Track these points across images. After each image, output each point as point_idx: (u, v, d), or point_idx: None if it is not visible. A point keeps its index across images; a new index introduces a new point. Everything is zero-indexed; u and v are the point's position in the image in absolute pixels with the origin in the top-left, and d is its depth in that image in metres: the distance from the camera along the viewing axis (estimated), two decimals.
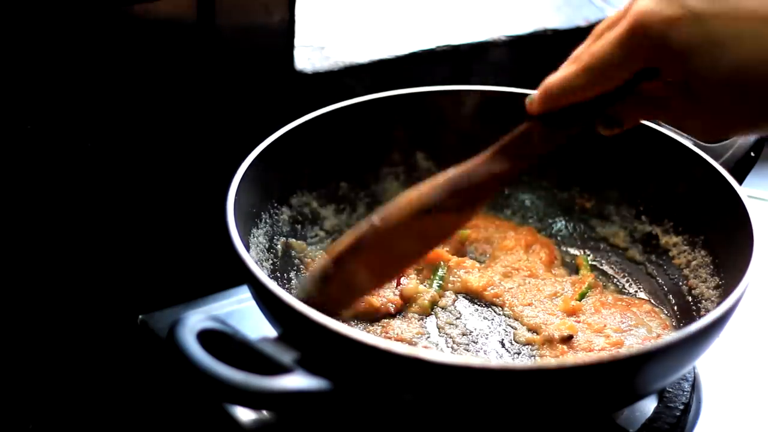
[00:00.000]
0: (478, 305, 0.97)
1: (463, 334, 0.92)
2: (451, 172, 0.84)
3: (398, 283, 0.96)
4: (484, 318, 0.95)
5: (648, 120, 0.85)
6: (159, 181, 1.06)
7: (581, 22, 1.29)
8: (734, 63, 0.70)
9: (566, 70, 0.78)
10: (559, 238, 1.07)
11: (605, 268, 1.04)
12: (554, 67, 1.37)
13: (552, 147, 0.82)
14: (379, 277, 0.87)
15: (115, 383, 1.02)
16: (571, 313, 0.94)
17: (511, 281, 0.98)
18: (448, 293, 0.97)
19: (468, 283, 0.98)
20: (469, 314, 0.95)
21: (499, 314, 0.95)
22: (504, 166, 0.82)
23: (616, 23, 0.75)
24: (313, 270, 0.87)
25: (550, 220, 1.09)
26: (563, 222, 1.08)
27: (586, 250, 1.05)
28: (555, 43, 1.27)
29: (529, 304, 0.95)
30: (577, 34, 1.28)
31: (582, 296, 0.96)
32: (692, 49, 0.71)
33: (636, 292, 1.00)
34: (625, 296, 0.99)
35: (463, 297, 0.98)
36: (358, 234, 0.83)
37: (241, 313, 0.98)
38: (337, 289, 0.83)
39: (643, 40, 0.72)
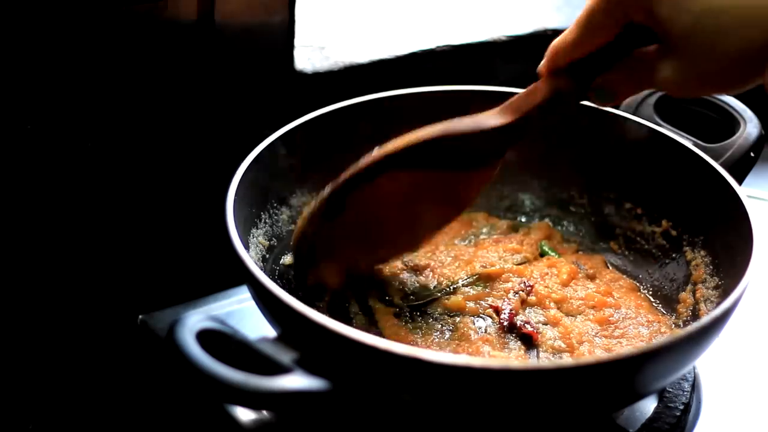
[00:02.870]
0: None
1: None
2: (453, 120, 0.87)
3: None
4: None
5: (639, 90, 0.87)
6: (159, 181, 1.06)
7: None
8: (696, 9, 0.74)
9: (566, 32, 0.85)
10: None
11: None
12: None
13: (553, 99, 0.86)
14: (388, 241, 0.89)
15: (115, 383, 1.02)
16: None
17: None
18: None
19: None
20: None
21: None
22: (505, 119, 0.86)
23: None
24: (303, 215, 0.89)
25: (550, 220, 1.09)
26: (562, 222, 1.08)
27: (585, 250, 1.05)
28: None
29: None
30: None
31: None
32: None
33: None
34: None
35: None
36: (356, 164, 0.87)
37: (241, 313, 0.98)
38: (337, 243, 0.86)
39: None
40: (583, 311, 0.95)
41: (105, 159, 1.02)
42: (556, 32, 1.27)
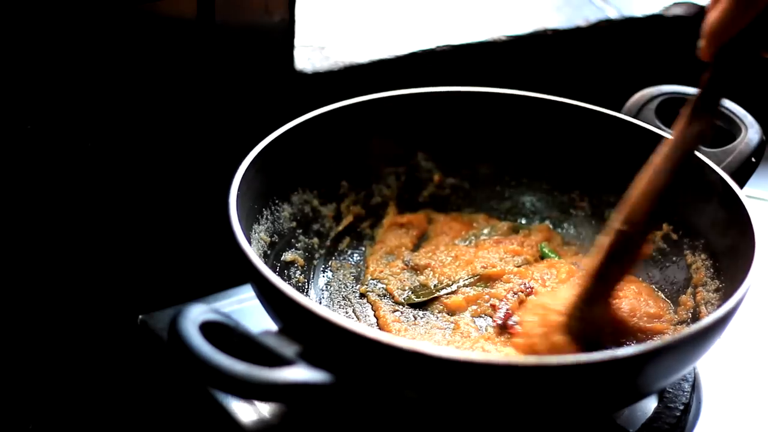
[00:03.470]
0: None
1: None
2: (663, 150, 0.85)
3: None
4: None
5: None
6: (159, 180, 1.06)
7: (581, 22, 1.29)
8: None
9: (719, 5, 0.80)
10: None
11: None
12: (554, 67, 1.38)
13: (735, 81, 0.83)
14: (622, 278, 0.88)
15: (115, 383, 1.02)
16: None
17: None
18: None
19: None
20: None
21: None
22: (705, 121, 0.84)
23: None
24: (572, 298, 0.86)
25: (550, 223, 1.09)
26: (563, 224, 1.08)
27: (585, 253, 1.05)
28: (555, 43, 1.27)
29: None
30: (577, 34, 1.28)
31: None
32: None
33: None
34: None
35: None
36: (610, 244, 0.84)
37: (241, 312, 0.98)
38: (603, 303, 0.86)
39: None
40: None
41: (105, 159, 1.02)
42: (556, 32, 1.28)
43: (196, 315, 0.69)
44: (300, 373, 0.70)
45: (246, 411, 0.87)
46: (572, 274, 0.98)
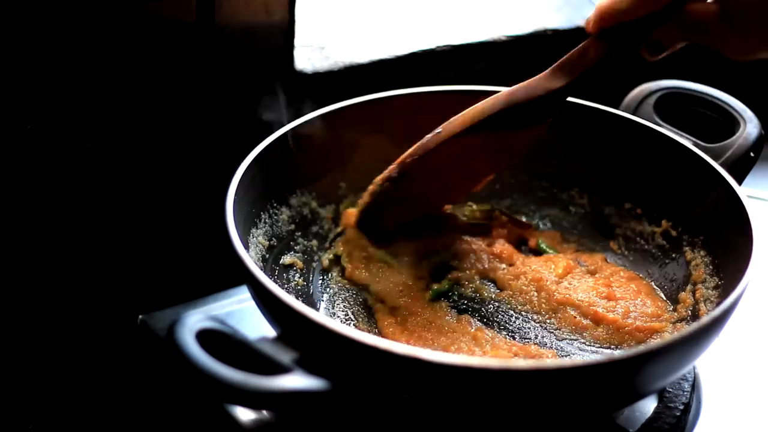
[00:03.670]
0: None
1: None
2: (512, 88, 0.89)
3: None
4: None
5: (687, 42, 0.88)
6: (159, 181, 1.06)
7: (581, 22, 1.27)
8: None
9: None
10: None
11: None
12: None
13: (604, 59, 0.88)
14: (443, 193, 0.93)
15: (115, 383, 1.02)
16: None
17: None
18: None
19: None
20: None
21: None
22: (562, 80, 0.89)
23: None
24: (375, 180, 0.93)
25: (549, 220, 1.09)
26: (562, 222, 1.08)
27: (585, 250, 1.05)
28: (555, 43, 1.27)
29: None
30: (577, 34, 1.28)
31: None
32: None
33: None
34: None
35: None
36: (423, 142, 0.89)
37: (241, 313, 0.98)
38: (399, 200, 0.89)
39: None
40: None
41: (105, 159, 1.02)
42: (556, 32, 1.28)
43: (192, 323, 0.69)
44: (296, 381, 0.70)
45: (245, 411, 0.87)
46: (570, 269, 0.98)
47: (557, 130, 1.06)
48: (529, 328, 0.94)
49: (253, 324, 0.83)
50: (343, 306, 0.97)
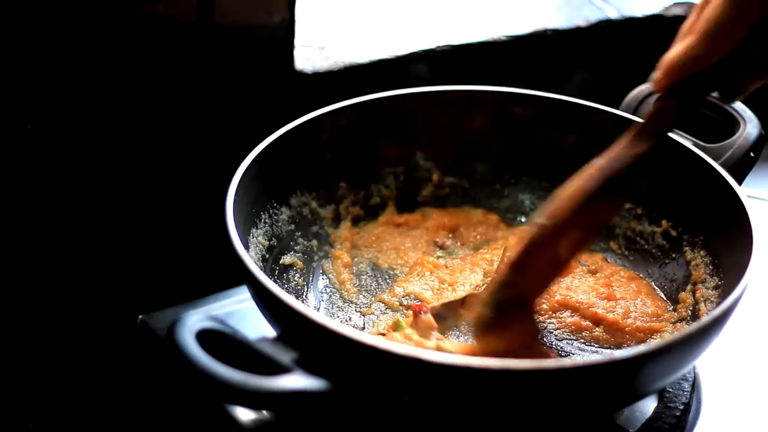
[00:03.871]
0: None
1: None
2: (599, 162, 0.87)
3: None
4: None
5: (759, 81, 0.87)
6: (159, 181, 1.06)
7: (581, 22, 1.29)
8: None
9: (684, 42, 0.82)
10: None
11: None
12: (554, 67, 1.38)
13: (683, 115, 0.86)
14: (554, 273, 0.89)
15: (115, 383, 1.02)
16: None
17: None
18: None
19: None
20: None
21: None
22: (646, 145, 0.86)
23: None
24: (490, 285, 0.89)
25: None
26: None
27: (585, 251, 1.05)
28: (555, 43, 1.27)
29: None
30: (577, 34, 1.28)
31: None
32: None
33: None
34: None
35: None
36: (531, 237, 0.85)
37: (240, 313, 0.98)
38: (517, 294, 0.86)
39: None
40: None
41: (105, 159, 1.02)
42: (556, 32, 1.28)
43: (192, 323, 0.69)
44: (296, 381, 0.70)
45: (245, 411, 0.87)
46: (570, 269, 0.98)
47: (557, 131, 1.06)
48: None
49: (253, 324, 0.83)
50: (344, 306, 0.97)
